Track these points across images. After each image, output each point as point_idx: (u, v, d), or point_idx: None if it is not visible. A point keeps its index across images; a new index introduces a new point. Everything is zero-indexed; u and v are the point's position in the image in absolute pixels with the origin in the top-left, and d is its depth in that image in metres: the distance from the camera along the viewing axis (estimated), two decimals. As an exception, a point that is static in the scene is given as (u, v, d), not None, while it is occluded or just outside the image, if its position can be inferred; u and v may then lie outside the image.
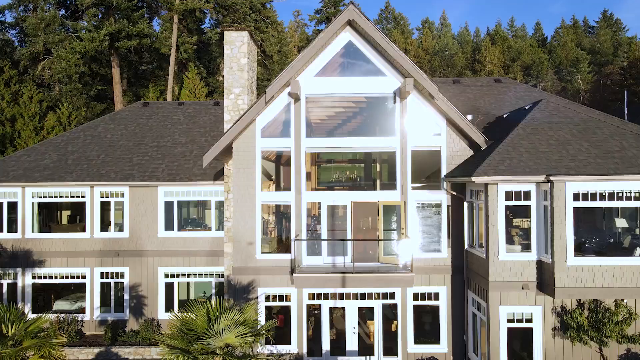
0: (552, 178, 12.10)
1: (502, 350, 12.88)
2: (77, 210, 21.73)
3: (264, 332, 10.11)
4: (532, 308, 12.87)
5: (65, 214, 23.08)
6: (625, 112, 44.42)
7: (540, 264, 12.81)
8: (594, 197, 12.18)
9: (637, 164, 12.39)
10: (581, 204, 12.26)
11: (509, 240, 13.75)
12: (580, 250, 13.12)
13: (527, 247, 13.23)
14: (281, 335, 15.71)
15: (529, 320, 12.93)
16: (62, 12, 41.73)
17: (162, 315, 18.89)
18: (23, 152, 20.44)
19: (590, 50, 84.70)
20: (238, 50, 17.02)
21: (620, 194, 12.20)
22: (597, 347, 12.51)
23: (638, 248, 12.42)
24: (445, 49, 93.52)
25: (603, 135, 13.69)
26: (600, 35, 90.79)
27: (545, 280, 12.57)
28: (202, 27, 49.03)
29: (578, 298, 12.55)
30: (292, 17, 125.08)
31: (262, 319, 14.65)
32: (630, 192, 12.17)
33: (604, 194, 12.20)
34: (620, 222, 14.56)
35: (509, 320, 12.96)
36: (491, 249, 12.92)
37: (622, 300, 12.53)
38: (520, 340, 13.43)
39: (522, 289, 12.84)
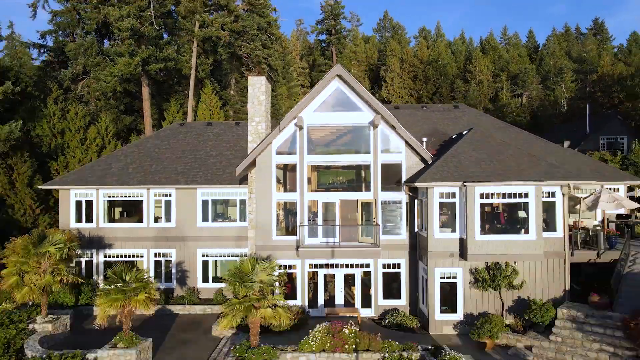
0: (466, 183, 19.04)
1: (436, 298, 19.83)
2: (129, 207, 28.81)
3: (281, 277, 17.08)
4: (456, 269, 19.84)
5: (117, 210, 30.06)
6: (587, 122, 51.30)
7: (461, 240, 19.77)
8: (492, 196, 19.14)
9: (523, 175, 19.32)
10: (485, 200, 19.21)
11: (449, 225, 20.58)
12: (491, 230, 20.01)
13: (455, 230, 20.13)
14: (290, 297, 22.65)
15: (454, 277, 19.89)
16: (94, 33, 48.80)
17: (200, 284, 25.91)
18: (94, 163, 27.50)
19: (577, 59, 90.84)
20: (258, 90, 24.07)
21: (509, 194, 19.13)
22: (497, 293, 19.45)
23: (523, 229, 19.37)
24: (438, 59, 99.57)
25: (507, 155, 20.65)
26: (587, 45, 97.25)
27: (463, 251, 19.52)
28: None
29: (485, 261, 19.48)
30: (295, 26, 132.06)
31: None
32: (515, 193, 19.10)
33: (499, 194, 19.14)
34: (522, 213, 21.45)
35: (441, 278, 19.92)
36: (429, 230, 19.87)
37: (514, 262, 19.47)
38: (449, 292, 20.32)
39: (450, 256, 19.80)
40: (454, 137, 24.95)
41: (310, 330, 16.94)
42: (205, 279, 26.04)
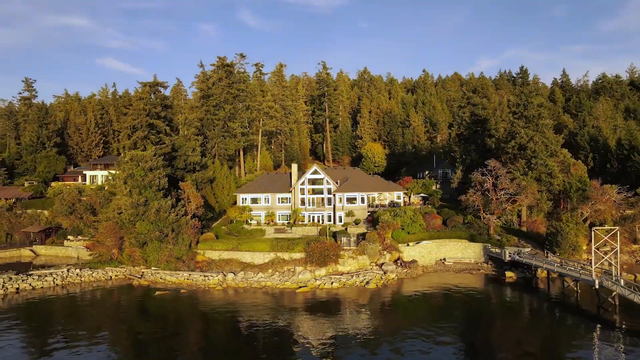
0: (343, 192, 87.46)
1: (337, 221, 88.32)
2: (256, 199, 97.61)
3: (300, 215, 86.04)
4: (341, 212, 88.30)
5: (252, 199, 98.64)
6: (434, 162, 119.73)
7: (342, 206, 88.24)
8: (353, 196, 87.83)
9: (359, 189, 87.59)
10: (348, 196, 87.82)
11: (341, 203, 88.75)
12: (349, 203, 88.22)
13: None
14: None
15: (341, 214, 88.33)
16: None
17: (277, 220, 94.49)
18: (249, 184, 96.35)
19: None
20: (295, 169, 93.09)
21: (353, 195, 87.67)
22: (351, 217, 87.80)
23: (358, 203, 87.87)
24: (391, 111, 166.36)
25: (356, 184, 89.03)
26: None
27: (343, 207, 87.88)
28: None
29: (349, 210, 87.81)
30: (302, 75, 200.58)
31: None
32: (355, 195, 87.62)
33: (354, 196, 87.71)
34: (357, 199, 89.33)
35: (339, 215, 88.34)
36: (336, 204, 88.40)
37: (355, 211, 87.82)
38: (339, 217, 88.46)
39: (341, 209, 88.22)
40: (347, 180, 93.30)
41: (307, 223, 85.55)
42: (279, 219, 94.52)
